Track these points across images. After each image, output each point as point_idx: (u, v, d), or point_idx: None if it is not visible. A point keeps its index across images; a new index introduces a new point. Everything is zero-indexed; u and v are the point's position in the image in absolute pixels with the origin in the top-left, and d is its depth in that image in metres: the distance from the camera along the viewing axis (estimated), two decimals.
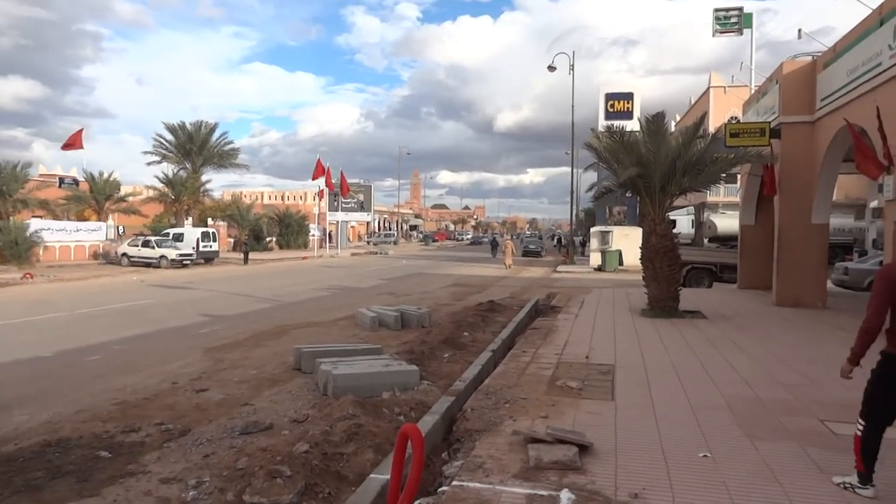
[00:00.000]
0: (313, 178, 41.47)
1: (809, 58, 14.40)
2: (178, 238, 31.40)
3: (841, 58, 11.96)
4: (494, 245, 50.56)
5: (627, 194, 14.80)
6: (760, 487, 3.93)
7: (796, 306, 13.54)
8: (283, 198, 77.66)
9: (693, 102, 44.73)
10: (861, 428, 4.13)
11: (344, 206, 53.41)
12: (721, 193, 36.80)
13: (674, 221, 13.46)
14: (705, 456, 4.45)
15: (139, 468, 4.70)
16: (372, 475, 4.12)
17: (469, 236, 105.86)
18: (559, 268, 32.34)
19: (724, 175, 13.60)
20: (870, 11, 11.12)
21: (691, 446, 4.65)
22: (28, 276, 21.93)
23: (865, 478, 3.96)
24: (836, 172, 13.71)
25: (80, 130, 37.27)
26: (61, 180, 37.09)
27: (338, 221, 52.92)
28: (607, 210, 37.96)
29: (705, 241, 32.82)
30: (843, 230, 32.03)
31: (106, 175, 35.51)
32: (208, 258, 32.32)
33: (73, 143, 36.31)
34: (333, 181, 43.64)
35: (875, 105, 9.80)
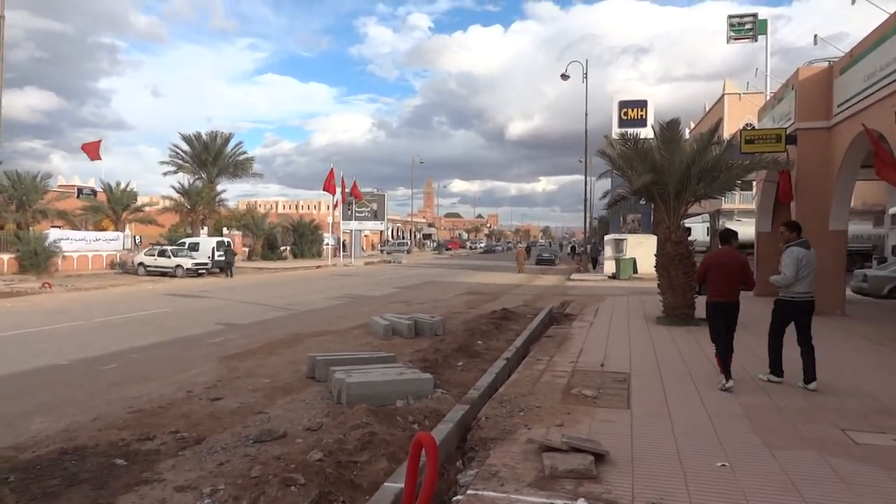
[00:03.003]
0: (325, 189, 41.51)
1: (826, 63, 14.28)
2: (194, 247, 31.66)
3: (858, 63, 11.85)
4: (528, 249, 56.75)
5: (641, 202, 14.75)
6: (780, 497, 3.86)
7: (814, 314, 13.34)
8: (297, 207, 78.21)
9: (707, 109, 44.51)
10: (717, 348, 7.04)
11: (357, 215, 53.66)
12: (736, 200, 36.57)
13: (689, 229, 13.35)
14: (723, 465, 4.38)
15: (154, 476, 4.71)
16: (386, 483, 4.10)
17: (482, 245, 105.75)
18: (573, 276, 32.19)
19: (739, 182, 13.51)
20: (887, 16, 11.03)
21: (709, 455, 4.58)
22: (46, 285, 22.20)
23: (726, 375, 6.76)
24: (854, 178, 13.56)
25: (99, 141, 37.88)
26: (79, 191, 37.69)
27: (351, 230, 53.14)
28: (621, 218, 37.76)
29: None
30: (861, 237, 31.62)
31: (123, 185, 36.01)
32: (223, 267, 32.49)
33: (93, 146, 36.85)
34: (346, 191, 43.80)
35: (893, 110, 9.70)
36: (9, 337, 11.55)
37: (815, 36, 23.17)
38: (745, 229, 22.09)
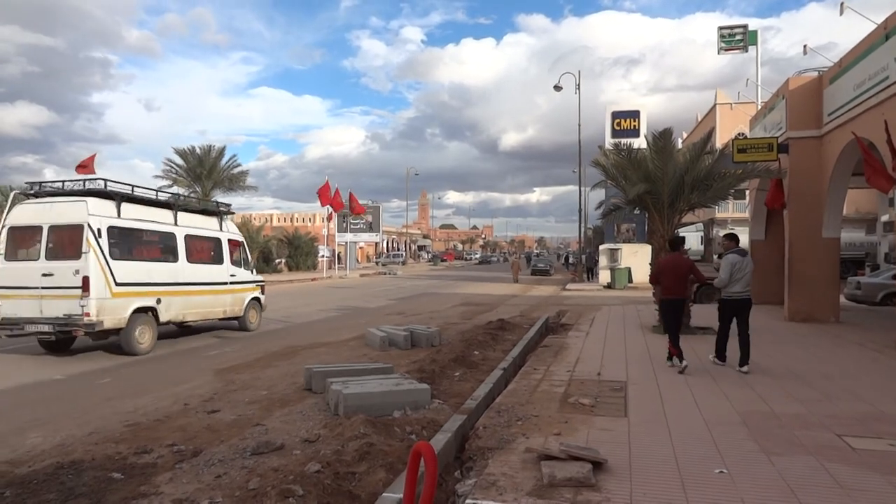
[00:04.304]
0: (322, 204, 41.59)
1: (815, 73, 14.44)
2: None
3: (847, 72, 11.99)
4: (529, 258, 62.84)
5: (636, 211, 14.80)
6: (778, 503, 3.87)
7: (808, 321, 13.43)
8: (292, 219, 78.17)
9: (700, 119, 44.88)
10: (669, 337, 8.47)
11: (352, 227, 53.68)
12: (730, 209, 36.78)
13: (683, 238, 13.41)
14: (721, 472, 4.40)
15: (151, 489, 4.68)
16: (384, 494, 4.10)
17: (478, 256, 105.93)
18: (568, 286, 32.24)
19: (732, 191, 13.59)
20: (875, 26, 11.18)
21: (707, 462, 4.59)
22: None
23: (680, 358, 8.21)
24: (846, 186, 13.67)
25: (94, 155, 37.83)
26: None
27: (346, 242, 53.10)
28: (615, 227, 37.91)
29: (715, 257, 32.64)
30: (854, 245, 31.84)
31: None
32: None
33: (86, 165, 36.82)
34: (341, 200, 43.83)
35: (883, 118, 9.81)
36: (2, 352, 11.48)
37: (805, 46, 23.47)
38: (739, 237, 22.15)
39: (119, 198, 11.23)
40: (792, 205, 13.94)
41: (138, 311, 11.05)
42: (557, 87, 35.37)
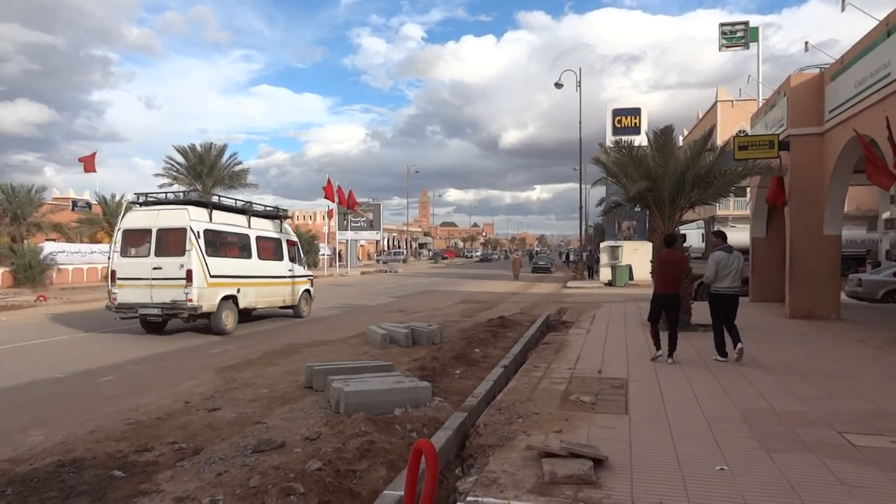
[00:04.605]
0: (326, 197, 41.64)
1: (817, 70, 14.41)
2: None
3: (849, 69, 11.97)
4: (531, 256, 62.91)
5: (637, 209, 14.79)
6: (779, 500, 3.87)
7: (810, 318, 13.42)
8: (292, 218, 78.14)
9: (701, 116, 44.81)
10: (651, 327, 8.84)
11: (353, 225, 53.65)
12: (731, 207, 36.73)
13: (684, 235, 13.40)
14: (722, 469, 4.39)
15: (152, 487, 4.69)
16: (385, 491, 4.10)
17: (479, 254, 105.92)
18: (569, 283, 32.24)
19: (733, 188, 13.57)
20: (876, 23, 11.15)
21: (708, 459, 4.59)
22: (42, 298, 22.12)
23: (657, 347, 8.71)
24: (847, 183, 13.65)
25: (94, 153, 37.87)
26: (74, 203, 37.56)
27: (347, 240, 53.09)
28: (616, 225, 37.88)
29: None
30: (855, 242, 31.80)
31: (118, 197, 35.92)
32: None
33: (89, 160, 36.84)
34: (345, 197, 43.85)
35: (885, 115, 9.78)
36: (4, 350, 11.50)
37: (807, 43, 23.39)
38: (740, 235, 22.18)
39: (211, 206, 13.91)
40: (793, 202, 13.92)
41: (224, 298, 13.47)
42: (558, 85, 35.34)
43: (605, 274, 31.18)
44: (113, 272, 13.46)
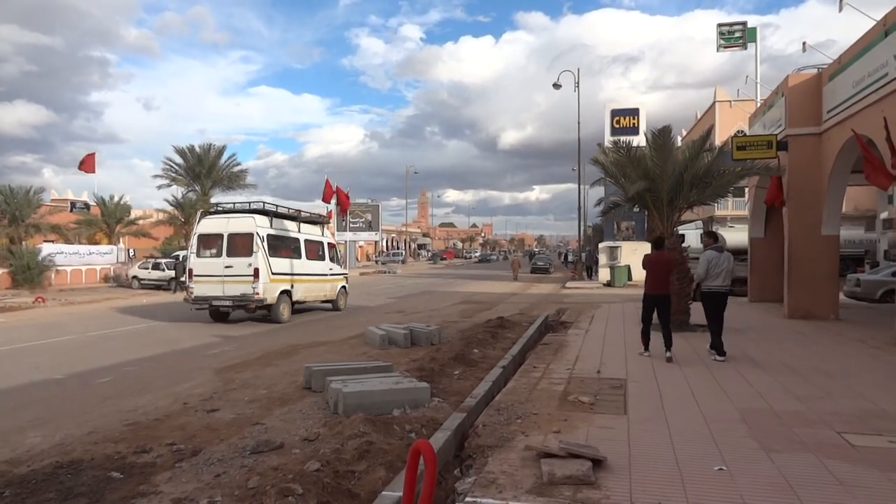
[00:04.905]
0: (324, 200, 41.60)
1: (814, 70, 14.43)
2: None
3: (846, 69, 11.98)
4: (531, 256, 64.06)
5: (635, 209, 14.79)
6: (778, 500, 3.87)
7: (808, 318, 13.44)
8: None
9: (699, 117, 44.85)
10: (643, 327, 9.17)
11: (352, 225, 53.61)
12: (729, 207, 36.77)
13: (682, 236, 13.40)
14: (721, 469, 4.39)
15: (151, 489, 4.68)
16: (384, 492, 4.09)
17: (477, 254, 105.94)
18: (568, 284, 32.24)
19: (731, 188, 13.58)
20: (874, 23, 11.16)
21: (706, 459, 4.59)
22: (40, 299, 22.09)
23: (645, 347, 9.13)
24: (845, 184, 13.67)
25: (93, 154, 37.84)
26: (73, 205, 37.54)
27: (346, 241, 53.03)
28: (615, 225, 37.94)
29: None
30: (853, 242, 31.82)
31: (116, 199, 35.92)
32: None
33: (87, 162, 36.81)
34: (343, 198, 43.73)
35: (882, 115, 9.80)
36: (2, 352, 11.49)
37: (804, 43, 23.45)
38: (739, 235, 22.20)
39: (271, 214, 16.10)
40: (791, 202, 13.93)
41: (282, 292, 15.74)
42: (556, 86, 35.34)
43: (603, 274, 31.17)
44: (190, 270, 15.64)
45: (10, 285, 26.87)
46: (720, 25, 34.63)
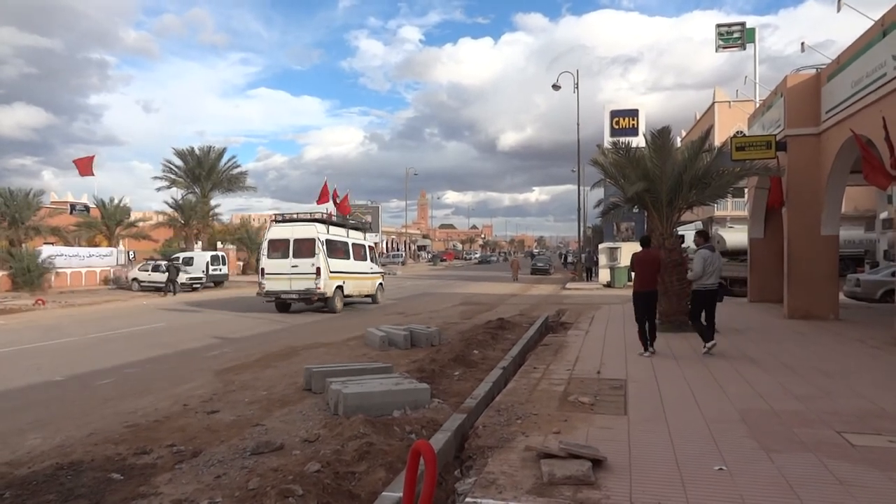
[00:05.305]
0: (318, 202, 41.64)
1: (813, 70, 14.44)
2: (188, 262, 31.60)
3: (845, 70, 12.00)
4: (532, 256, 67.07)
5: (635, 210, 14.79)
6: (778, 500, 3.87)
7: (808, 319, 13.44)
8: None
9: (698, 118, 44.86)
10: (639, 328, 9.24)
11: None
12: (729, 207, 36.78)
13: (682, 236, 13.40)
14: (721, 469, 4.39)
15: (151, 490, 4.68)
16: (384, 493, 4.09)
17: (477, 255, 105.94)
18: (568, 285, 32.25)
19: (731, 189, 13.58)
20: (872, 23, 11.17)
21: (706, 459, 4.59)
22: (40, 301, 22.09)
23: (644, 347, 9.16)
24: (844, 184, 13.67)
25: (92, 157, 37.85)
26: (72, 207, 37.56)
27: None
28: (615, 226, 37.93)
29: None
30: (853, 242, 31.82)
31: (116, 201, 35.92)
32: (218, 281, 32.49)
33: (86, 162, 36.80)
34: (339, 202, 43.69)
35: (881, 115, 9.80)
36: (3, 354, 11.49)
37: (803, 43, 23.45)
38: (738, 236, 22.21)
39: (328, 222, 19.82)
40: (790, 202, 13.94)
41: (337, 287, 18.82)
42: (556, 87, 35.36)
43: (603, 275, 31.18)
44: (262, 269, 18.69)
45: (9, 288, 26.87)
46: (719, 26, 34.64)
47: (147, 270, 29.49)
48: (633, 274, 9.78)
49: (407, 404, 6.62)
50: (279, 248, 18.53)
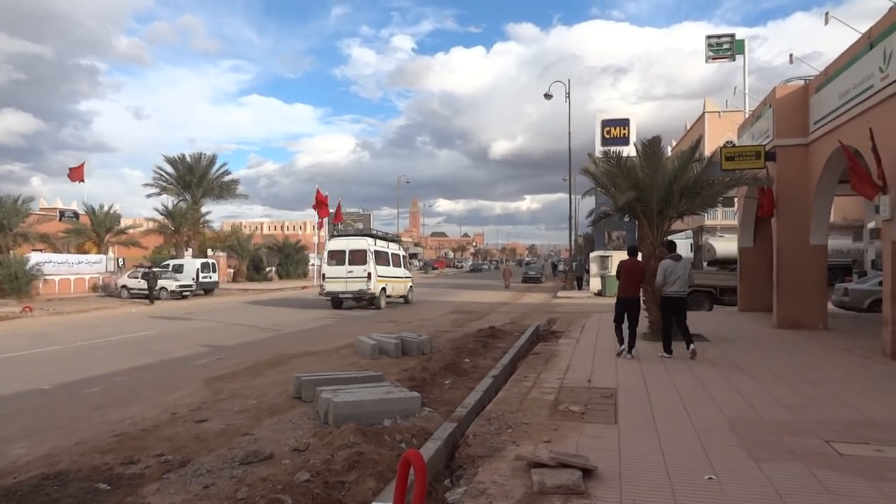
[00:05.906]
0: (314, 208, 41.66)
1: (801, 82, 14.59)
2: (178, 269, 31.43)
3: (833, 81, 12.13)
4: (521, 264, 67.38)
5: (626, 219, 14.85)
6: None
7: (797, 328, 13.51)
8: (282, 228, 77.86)
9: (688, 128, 45.18)
10: (616, 326, 10.24)
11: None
12: (719, 217, 36.98)
13: (674, 243, 13.45)
14: (710, 478, 4.40)
15: (138, 500, 4.64)
16: (374, 503, 4.08)
17: (469, 264, 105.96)
18: (559, 293, 32.30)
19: (720, 198, 13.66)
20: (859, 36, 11.32)
21: (696, 468, 4.60)
22: (27, 309, 21.89)
23: (619, 341, 10.25)
24: (832, 194, 13.79)
25: (83, 164, 37.64)
26: (62, 213, 37.33)
27: None
28: (606, 235, 38.06)
29: (704, 264, 32.84)
30: (841, 252, 32.09)
31: (106, 208, 35.69)
32: (208, 289, 32.33)
33: (78, 172, 36.62)
34: (331, 210, 43.72)
35: (868, 126, 9.91)
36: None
37: (791, 55, 23.73)
38: (729, 245, 22.35)
39: (375, 236, 25.37)
40: (779, 212, 14.04)
41: (381, 289, 23.36)
42: (547, 96, 35.54)
43: (594, 284, 31.26)
44: (323, 274, 23.42)
45: None
46: (709, 37, 35.00)
47: (136, 278, 29.30)
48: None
49: (397, 413, 6.60)
50: (336, 257, 22.96)
